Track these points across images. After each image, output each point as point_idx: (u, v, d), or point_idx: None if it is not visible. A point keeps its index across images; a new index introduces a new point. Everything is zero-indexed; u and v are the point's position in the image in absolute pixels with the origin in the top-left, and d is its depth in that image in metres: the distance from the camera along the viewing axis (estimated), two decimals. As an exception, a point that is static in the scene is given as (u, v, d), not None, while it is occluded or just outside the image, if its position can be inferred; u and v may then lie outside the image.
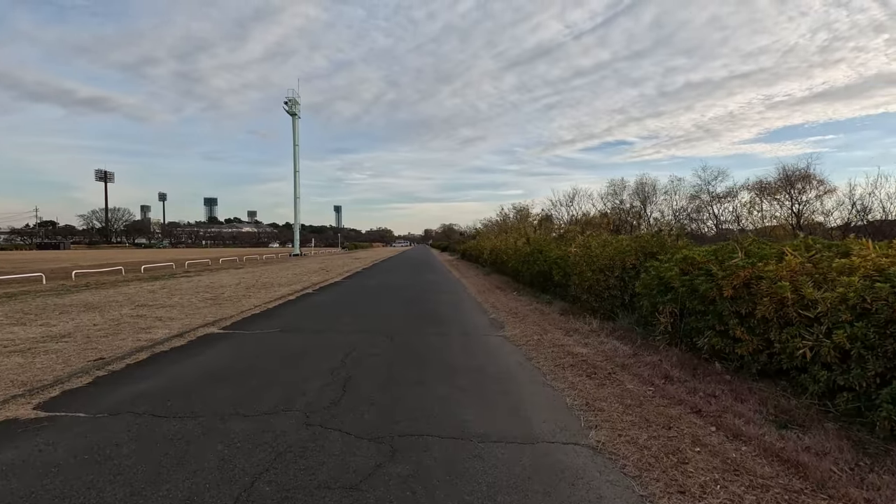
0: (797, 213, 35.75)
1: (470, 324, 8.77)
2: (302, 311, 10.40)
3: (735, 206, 43.59)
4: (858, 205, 30.50)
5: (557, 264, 11.28)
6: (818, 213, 34.89)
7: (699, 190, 44.08)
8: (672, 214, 37.90)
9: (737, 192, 43.25)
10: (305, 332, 7.81)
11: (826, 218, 33.94)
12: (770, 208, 36.91)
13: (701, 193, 44.01)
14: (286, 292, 13.71)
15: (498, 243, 22.21)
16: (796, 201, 38.48)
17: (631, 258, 8.29)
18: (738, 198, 43.29)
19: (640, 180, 50.14)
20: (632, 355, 5.81)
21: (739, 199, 43.20)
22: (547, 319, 8.84)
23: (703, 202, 44.73)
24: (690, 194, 41.17)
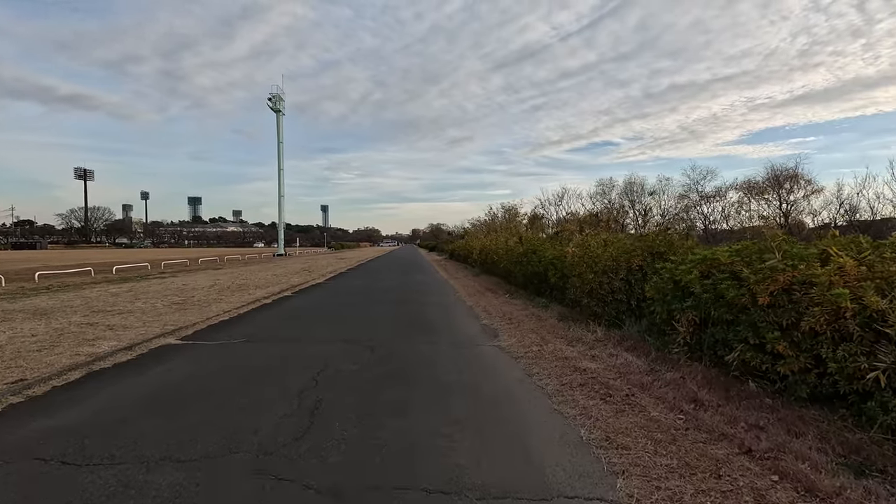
0: (785, 212, 35.68)
1: (461, 331, 7.96)
2: (276, 316, 9.48)
3: (724, 206, 43.41)
4: (846, 205, 30.33)
5: (554, 265, 10.53)
6: (805, 212, 34.79)
7: (688, 189, 43.89)
8: (661, 214, 37.65)
9: (725, 192, 43.12)
10: (276, 342, 6.92)
11: (814, 217, 33.79)
12: (758, 208, 36.71)
13: (690, 193, 43.85)
14: (262, 295, 12.76)
15: (488, 243, 21.45)
16: (784, 201, 38.39)
17: (637, 259, 7.56)
18: (725, 197, 43.08)
19: (629, 180, 49.78)
20: (648, 371, 5.05)
21: (728, 198, 42.99)
22: (545, 326, 8.07)
23: (693, 201, 44.55)
24: (679, 194, 40.86)
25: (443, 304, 11.42)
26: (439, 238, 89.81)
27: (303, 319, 9.11)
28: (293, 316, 9.57)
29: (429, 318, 9.37)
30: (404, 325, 8.43)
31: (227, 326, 8.27)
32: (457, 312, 10.17)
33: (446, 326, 8.42)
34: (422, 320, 9.02)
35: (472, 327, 8.34)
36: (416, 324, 8.63)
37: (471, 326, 8.42)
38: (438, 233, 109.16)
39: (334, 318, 9.18)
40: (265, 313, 9.87)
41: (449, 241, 60.08)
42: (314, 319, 9.09)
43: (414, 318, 9.22)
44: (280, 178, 59.20)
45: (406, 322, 8.80)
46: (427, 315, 9.70)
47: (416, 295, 13.39)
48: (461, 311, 10.29)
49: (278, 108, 58.85)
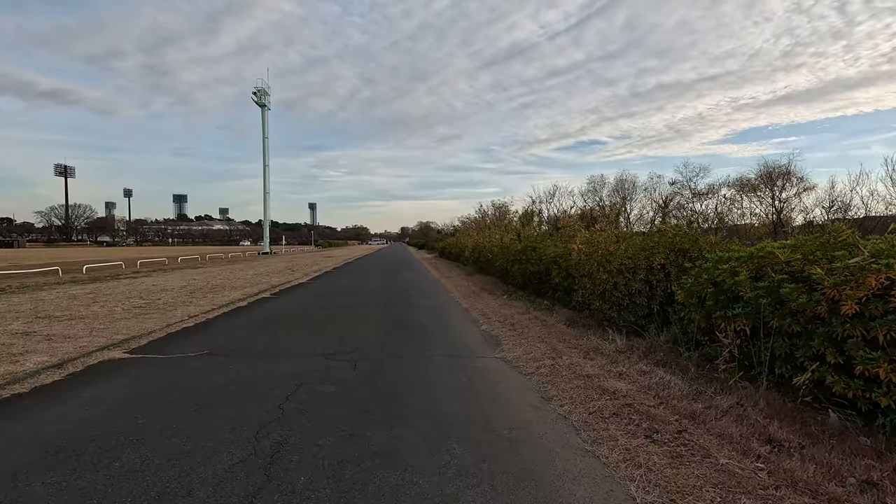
0: (778, 209, 35.37)
1: (458, 340, 6.98)
2: (248, 323, 8.40)
3: (717, 204, 43.09)
4: (839, 202, 30.00)
5: (557, 264, 9.60)
6: (796, 210, 34.45)
7: (681, 187, 43.45)
8: (653, 211, 37.10)
9: (718, 189, 42.77)
10: (241, 357, 5.87)
11: (807, 215, 33.45)
12: (749, 205, 36.37)
13: (683, 190, 43.42)
14: (237, 297, 11.64)
15: (481, 240, 20.49)
16: (777, 198, 38.10)
17: (659, 257, 6.66)
18: (717, 195, 42.73)
19: (621, 177, 49.28)
20: (694, 395, 4.12)
21: (720, 196, 42.62)
22: (553, 333, 7.12)
23: (686, 199, 44.16)
24: (671, 190, 40.31)
25: (436, 307, 10.43)
26: (429, 236, 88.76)
27: (278, 326, 8.04)
28: (268, 322, 8.50)
29: (421, 323, 8.37)
30: (394, 333, 7.42)
31: (190, 335, 7.19)
32: (452, 316, 9.19)
33: (441, 333, 7.43)
34: (413, 326, 8.02)
35: (471, 334, 7.36)
36: (407, 331, 7.63)
37: (469, 333, 7.45)
38: (428, 231, 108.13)
39: (314, 325, 8.13)
40: (236, 319, 8.78)
41: (439, 239, 59.09)
42: (291, 326, 8.03)
43: (404, 324, 8.22)
44: (265, 175, 57.59)
45: (396, 329, 7.79)
46: (419, 320, 8.70)
47: (406, 296, 12.38)
48: (457, 315, 9.31)
49: (263, 102, 57.19)
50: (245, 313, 9.41)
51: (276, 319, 8.71)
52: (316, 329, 7.70)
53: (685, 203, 42.54)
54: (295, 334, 7.30)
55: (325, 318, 8.75)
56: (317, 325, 8.02)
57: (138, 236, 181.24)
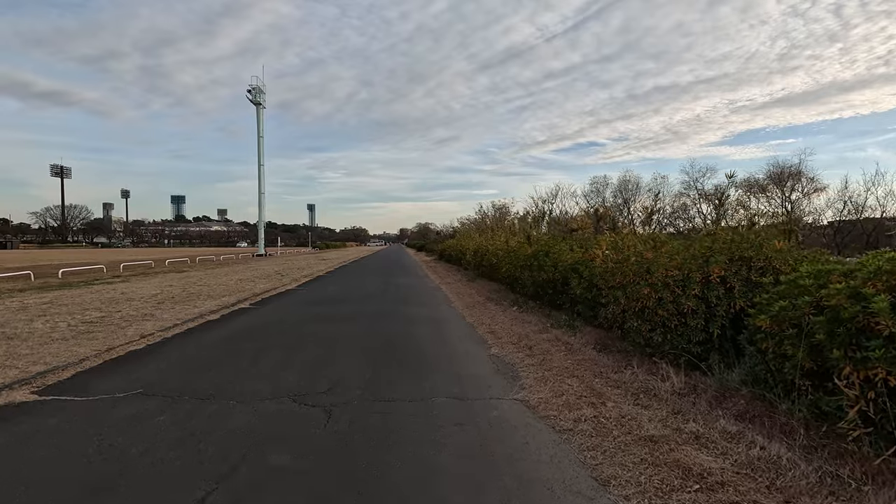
0: (789, 210, 34.09)
1: (464, 371, 5.58)
2: (210, 344, 7.00)
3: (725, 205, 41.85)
4: (852, 203, 28.67)
5: (577, 272, 8.23)
6: (806, 210, 33.20)
7: (687, 187, 42.17)
8: (648, 213, 35.87)
9: (725, 190, 41.51)
10: (181, 400, 4.46)
11: (819, 216, 32.15)
12: (757, 206, 35.08)
13: (690, 191, 42.13)
14: (210, 308, 10.25)
15: (484, 242, 19.12)
16: (787, 199, 36.76)
17: (717, 267, 5.28)
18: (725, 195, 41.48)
19: (624, 178, 47.93)
20: (832, 488, 2.73)
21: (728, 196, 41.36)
22: (583, 362, 5.74)
23: (693, 199, 42.84)
24: (678, 191, 39.05)
25: (435, 321, 9.04)
26: (427, 238, 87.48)
27: (244, 350, 6.65)
28: (234, 343, 7.10)
29: (417, 344, 6.99)
30: (383, 360, 6.03)
31: (130, 364, 5.79)
32: (454, 334, 7.80)
33: (443, 361, 6.04)
34: (408, 350, 6.64)
35: (479, 362, 5.97)
36: (400, 357, 6.24)
37: (477, 360, 6.05)
38: (426, 232, 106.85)
39: (288, 348, 6.74)
40: (199, 338, 7.38)
41: (437, 241, 57.76)
42: (260, 350, 6.63)
43: (398, 346, 6.83)
44: (260, 174, 56.17)
45: (386, 354, 6.40)
46: (415, 339, 7.32)
47: (401, 307, 10.98)
48: (460, 333, 7.92)
49: (258, 100, 55.85)
50: (211, 331, 8.00)
51: (245, 339, 7.31)
52: (289, 354, 6.30)
53: (691, 204, 41.25)
54: (262, 362, 5.90)
55: (304, 338, 7.36)
56: (291, 348, 6.62)
57: (135, 237, 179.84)
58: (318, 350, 6.53)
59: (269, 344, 6.93)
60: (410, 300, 12.26)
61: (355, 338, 7.37)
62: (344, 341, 7.12)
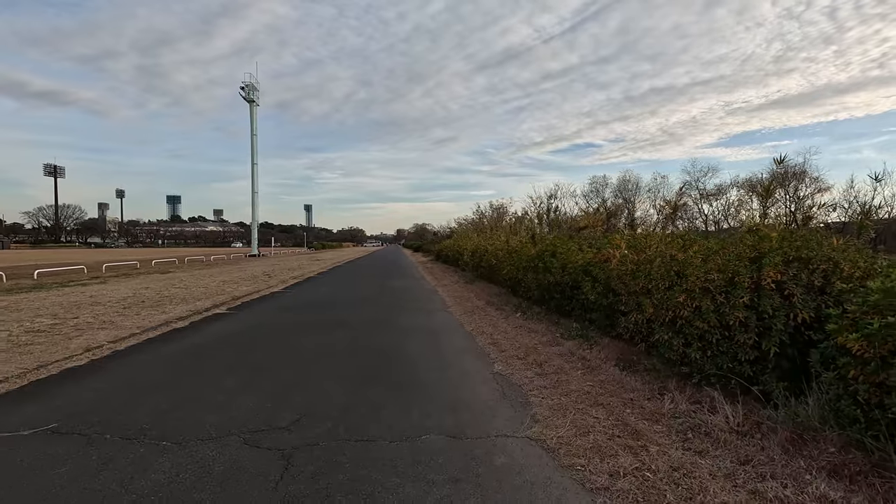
0: (793, 210, 33.21)
1: (462, 395, 4.60)
2: (165, 359, 6.00)
3: (725, 204, 40.94)
4: (857, 203, 27.88)
5: (590, 275, 7.28)
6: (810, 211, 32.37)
7: (688, 187, 41.25)
8: (657, 212, 35.05)
9: (726, 190, 40.67)
10: (98, 442, 3.47)
11: (827, 216, 31.35)
12: (759, 206, 34.21)
13: (690, 190, 41.23)
14: (181, 313, 9.24)
15: (482, 242, 18.15)
16: (793, 199, 35.89)
17: (772, 269, 4.34)
18: (727, 195, 40.68)
19: (624, 177, 46.90)
20: None
21: (728, 196, 40.57)
22: (606, 384, 4.77)
23: (694, 199, 42.00)
24: (678, 191, 38.15)
25: (431, 330, 8.07)
26: (424, 238, 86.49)
27: (201, 366, 5.67)
28: (194, 358, 6.12)
29: (410, 360, 6.01)
30: (367, 381, 5.05)
31: (58, 386, 4.79)
32: (452, 346, 6.83)
33: (437, 380, 5.07)
34: (397, 367, 5.66)
35: (481, 382, 5.00)
36: (387, 376, 5.26)
37: (478, 380, 5.08)
38: (423, 233, 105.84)
39: (255, 364, 5.76)
40: (155, 352, 6.38)
41: (434, 242, 56.76)
42: (221, 366, 5.65)
43: (386, 361, 5.86)
44: (253, 173, 55.07)
45: (371, 371, 5.43)
46: (407, 353, 6.34)
47: (393, 313, 10.01)
48: (458, 344, 6.94)
49: (252, 98, 54.76)
50: (172, 342, 7.00)
51: (208, 353, 6.32)
52: (256, 372, 5.31)
53: (693, 204, 40.42)
54: (222, 382, 4.92)
55: (276, 351, 6.38)
56: (260, 365, 5.64)
57: (129, 238, 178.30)
58: (292, 367, 5.55)
59: (234, 359, 5.94)
60: (404, 305, 11.28)
61: (338, 352, 6.39)
62: (324, 356, 6.14)
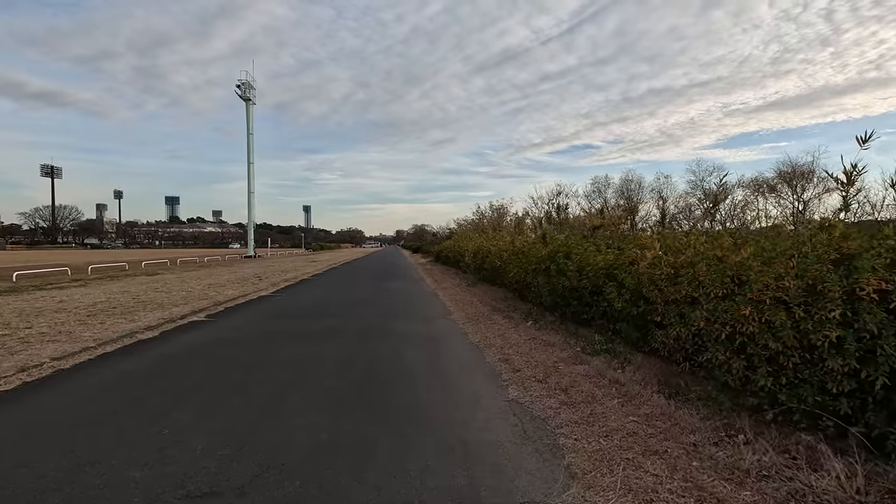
0: (801, 211, 32.27)
1: (471, 435, 3.61)
2: (112, 381, 5.01)
3: (731, 204, 40.01)
4: (870, 203, 27.00)
5: (614, 279, 6.32)
6: (815, 212, 31.48)
7: (694, 186, 40.32)
8: (660, 212, 34.14)
9: (732, 189, 39.77)
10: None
11: (837, 217, 30.60)
12: (766, 207, 33.44)
13: (696, 190, 40.29)
14: (152, 322, 8.26)
15: (485, 243, 17.18)
16: (800, 199, 34.92)
17: (872, 277, 3.37)
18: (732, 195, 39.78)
19: (626, 177, 45.94)
20: None
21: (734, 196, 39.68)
22: (652, 420, 3.79)
23: (700, 199, 41.03)
24: (684, 191, 37.26)
25: (431, 340, 7.09)
26: (423, 239, 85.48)
27: (153, 393, 4.68)
28: (146, 379, 5.13)
29: (407, 380, 5.03)
30: (354, 411, 4.07)
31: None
32: (456, 362, 5.84)
33: (438, 410, 4.09)
34: (392, 389, 4.68)
35: (494, 415, 4.02)
36: (378, 402, 4.28)
37: (490, 411, 4.10)
38: (422, 234, 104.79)
39: (219, 388, 4.78)
40: (100, 373, 5.39)
41: (434, 243, 55.79)
42: (177, 392, 4.67)
43: (377, 383, 4.88)
44: (250, 173, 54.08)
45: (359, 398, 4.44)
46: (403, 372, 5.36)
47: (389, 319, 9.03)
48: (463, 359, 5.96)
49: (248, 96, 53.80)
50: (129, 358, 6.01)
51: (167, 373, 5.32)
52: (216, 400, 4.33)
53: (698, 204, 39.45)
54: (170, 413, 3.93)
55: (249, 369, 5.39)
56: (224, 389, 4.65)
57: (127, 238, 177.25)
58: (265, 392, 4.57)
59: (197, 381, 4.96)
60: (402, 311, 10.30)
61: (322, 371, 5.41)
62: (306, 376, 5.16)
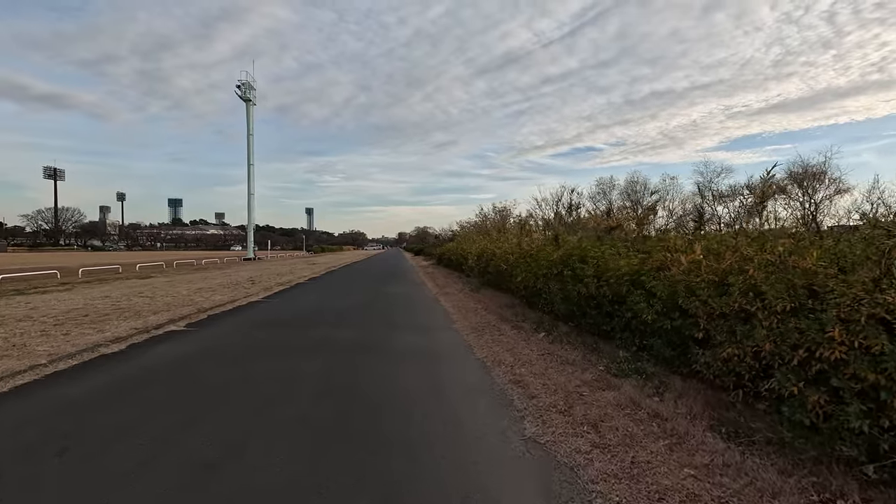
0: (812, 212, 31.21)
1: (479, 495, 2.77)
2: (42, 414, 4.18)
3: (739, 206, 39.00)
4: (885, 205, 25.99)
5: (642, 287, 5.45)
6: (826, 213, 30.46)
7: (702, 187, 39.29)
8: (667, 215, 33.20)
9: (740, 191, 38.71)
10: None
11: (849, 219, 29.47)
12: (774, 208, 32.35)
13: (704, 192, 39.28)
14: (123, 332, 7.43)
15: (489, 245, 16.31)
16: (812, 200, 33.84)
17: None
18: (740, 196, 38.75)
19: (632, 178, 44.96)
20: None
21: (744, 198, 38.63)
22: (714, 472, 2.91)
23: (707, 201, 40.02)
24: (691, 192, 36.28)
25: (432, 356, 6.23)
26: (426, 241, 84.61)
27: (91, 427, 3.84)
28: (92, 408, 4.29)
29: (401, 411, 4.16)
30: (336, 456, 3.22)
31: None
32: (460, 386, 4.97)
33: (439, 460, 3.22)
34: (384, 422, 3.82)
35: (510, 462, 3.16)
36: (367, 441, 3.42)
37: (505, 458, 3.23)
38: (425, 236, 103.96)
39: (173, 426, 3.93)
40: (38, 398, 4.56)
41: (436, 245, 54.94)
42: (122, 428, 3.83)
43: (368, 415, 4.02)
44: (250, 174, 53.38)
45: (344, 434, 3.59)
46: (398, 398, 4.49)
47: (387, 331, 8.18)
48: (468, 381, 5.09)
49: (248, 97, 53.14)
50: (83, 377, 5.16)
51: (120, 398, 4.47)
52: (162, 440, 3.48)
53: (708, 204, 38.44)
54: (102, 461, 3.10)
55: (217, 395, 4.53)
56: (179, 424, 3.80)
57: (130, 241, 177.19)
58: (229, 427, 3.72)
59: (149, 411, 4.11)
60: (400, 320, 9.45)
61: (302, 396, 4.55)
62: (282, 403, 4.31)
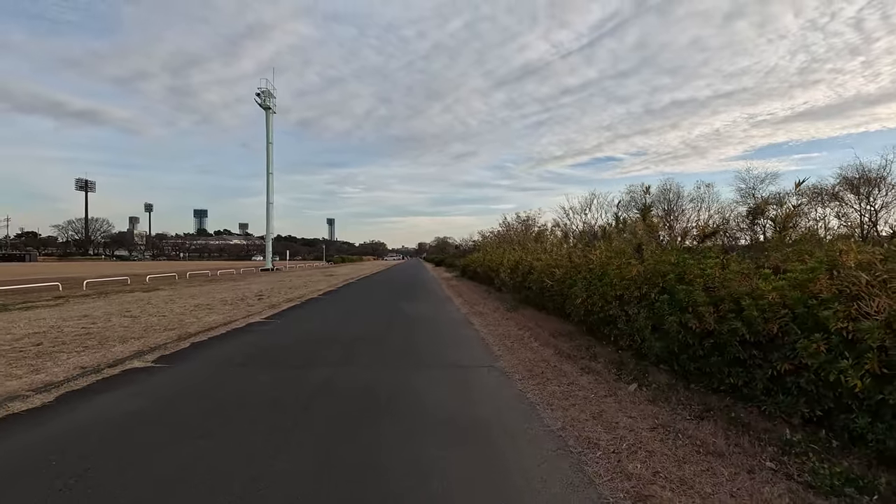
0: (871, 221, 28.02)
1: None
2: None
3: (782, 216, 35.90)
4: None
5: (820, 327, 3.34)
6: (882, 220, 27.18)
7: (745, 195, 36.37)
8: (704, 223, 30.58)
9: (784, 199, 35.65)
10: None
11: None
12: (825, 215, 29.30)
13: (748, 199, 36.32)
14: (67, 372, 5.65)
15: (525, 256, 14.23)
16: (871, 207, 30.58)
17: None
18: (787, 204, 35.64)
19: (664, 185, 42.24)
20: None
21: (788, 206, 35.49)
22: None
23: (753, 209, 36.95)
24: (732, 200, 33.62)
25: (477, 424, 4.23)
26: (446, 252, 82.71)
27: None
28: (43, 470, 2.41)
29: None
30: None
31: None
32: (538, 496, 2.96)
33: None
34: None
35: None
36: None
37: None
38: (445, 246, 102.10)
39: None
40: None
41: (457, 256, 52.92)
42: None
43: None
44: (269, 183, 52.51)
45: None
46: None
47: (412, 371, 6.20)
48: (553, 493, 3.08)
49: (268, 104, 52.47)
50: (37, 424, 3.34)
51: (70, 464, 2.62)
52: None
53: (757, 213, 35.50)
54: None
55: (159, 481, 2.63)
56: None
57: (156, 250, 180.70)
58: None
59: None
60: (427, 353, 7.46)
61: (297, 486, 2.60)
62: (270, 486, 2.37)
